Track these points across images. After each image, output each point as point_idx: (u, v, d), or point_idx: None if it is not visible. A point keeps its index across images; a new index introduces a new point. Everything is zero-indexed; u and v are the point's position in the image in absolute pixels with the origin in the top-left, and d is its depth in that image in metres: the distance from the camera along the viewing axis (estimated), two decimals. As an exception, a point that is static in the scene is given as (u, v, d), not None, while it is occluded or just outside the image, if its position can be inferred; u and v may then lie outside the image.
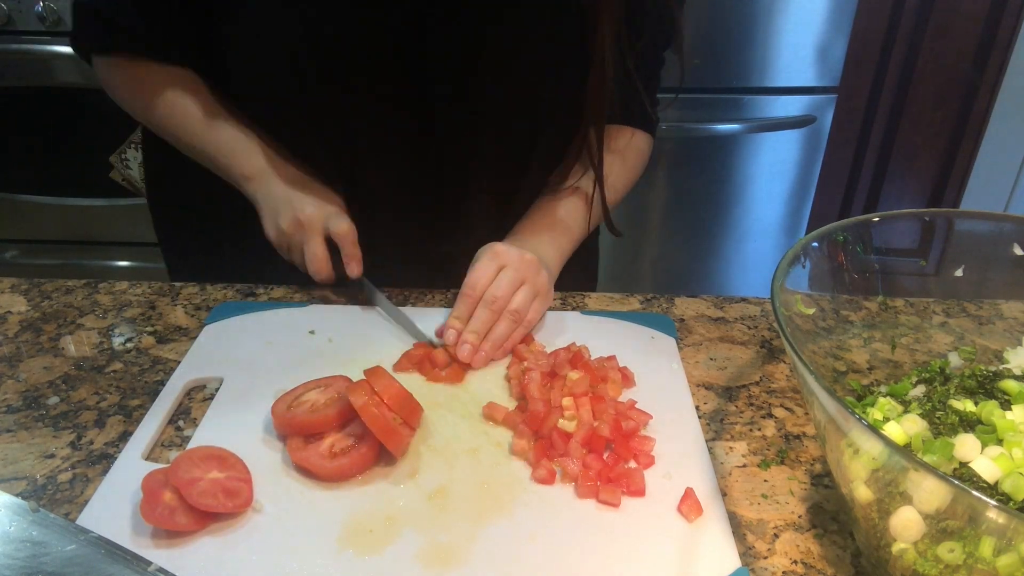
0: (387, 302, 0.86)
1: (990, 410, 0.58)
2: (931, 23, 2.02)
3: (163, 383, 0.75)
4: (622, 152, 0.95)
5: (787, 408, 0.76)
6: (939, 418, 0.58)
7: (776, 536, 0.61)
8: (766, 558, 0.60)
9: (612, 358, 0.78)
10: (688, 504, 0.62)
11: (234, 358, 0.78)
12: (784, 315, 0.58)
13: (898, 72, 2.07)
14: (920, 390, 0.65)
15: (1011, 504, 0.51)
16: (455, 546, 0.58)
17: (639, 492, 0.64)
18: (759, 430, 0.73)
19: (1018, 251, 0.68)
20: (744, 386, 0.79)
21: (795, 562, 0.59)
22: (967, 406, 0.60)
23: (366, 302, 0.88)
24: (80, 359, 0.79)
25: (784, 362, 0.83)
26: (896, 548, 0.51)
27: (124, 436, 0.69)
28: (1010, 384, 0.62)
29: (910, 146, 2.19)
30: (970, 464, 0.53)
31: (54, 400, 0.73)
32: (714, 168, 1.97)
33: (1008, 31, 2.02)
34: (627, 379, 0.77)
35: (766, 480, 0.67)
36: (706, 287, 2.18)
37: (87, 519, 0.59)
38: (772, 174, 2.00)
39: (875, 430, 0.47)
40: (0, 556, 0.53)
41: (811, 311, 0.66)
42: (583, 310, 0.89)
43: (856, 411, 0.50)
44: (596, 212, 0.95)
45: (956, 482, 0.44)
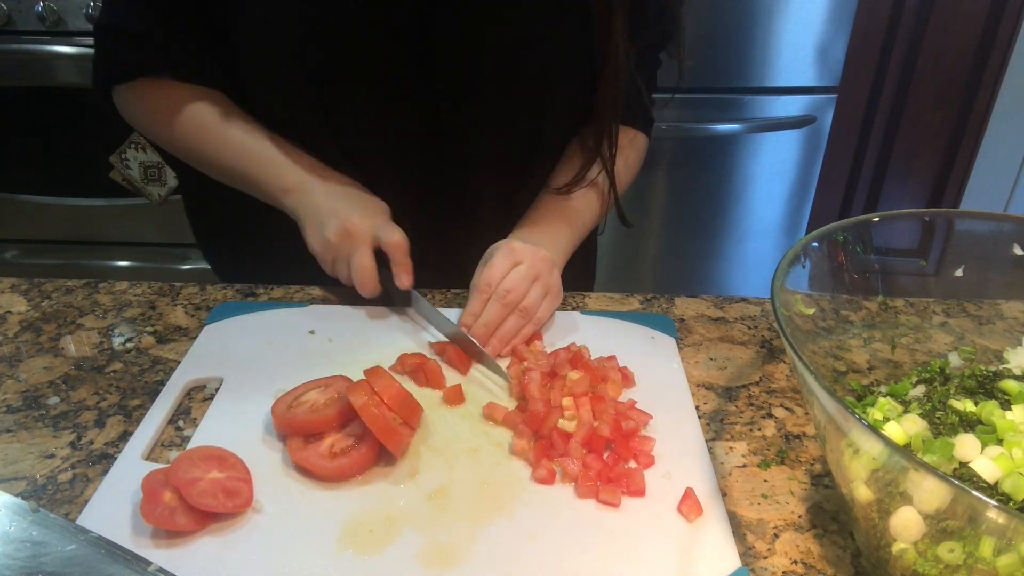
0: (441, 317, 0.82)
1: (990, 410, 0.58)
2: (931, 23, 2.02)
3: (163, 383, 0.75)
4: (625, 151, 0.95)
5: (787, 408, 0.76)
6: (939, 418, 0.58)
7: (776, 536, 0.61)
8: (766, 558, 0.60)
9: (612, 358, 0.78)
10: (688, 504, 0.62)
11: (234, 358, 0.78)
12: (784, 315, 0.58)
13: (898, 72, 2.07)
14: (920, 390, 0.65)
15: (1011, 504, 0.51)
16: (455, 546, 0.58)
17: (639, 492, 0.64)
18: (759, 430, 0.73)
19: (1018, 251, 0.68)
20: (744, 386, 0.79)
21: (795, 562, 0.59)
22: (967, 406, 0.60)
23: (416, 317, 0.85)
24: (80, 359, 0.79)
25: (784, 362, 0.83)
26: (896, 548, 0.51)
27: (124, 436, 0.69)
28: (1010, 384, 0.62)
29: (910, 146, 2.19)
30: (970, 464, 0.53)
31: (54, 400, 0.73)
32: (714, 168, 1.97)
33: (1008, 31, 2.02)
34: (627, 379, 0.77)
35: (766, 480, 0.67)
36: (706, 287, 2.18)
37: (87, 519, 0.59)
38: (772, 174, 2.00)
39: (875, 430, 0.47)
40: (0, 556, 0.53)
41: (811, 311, 0.66)
42: (583, 310, 0.89)
43: (856, 411, 0.50)
44: (605, 207, 0.95)
45: (956, 482, 0.44)
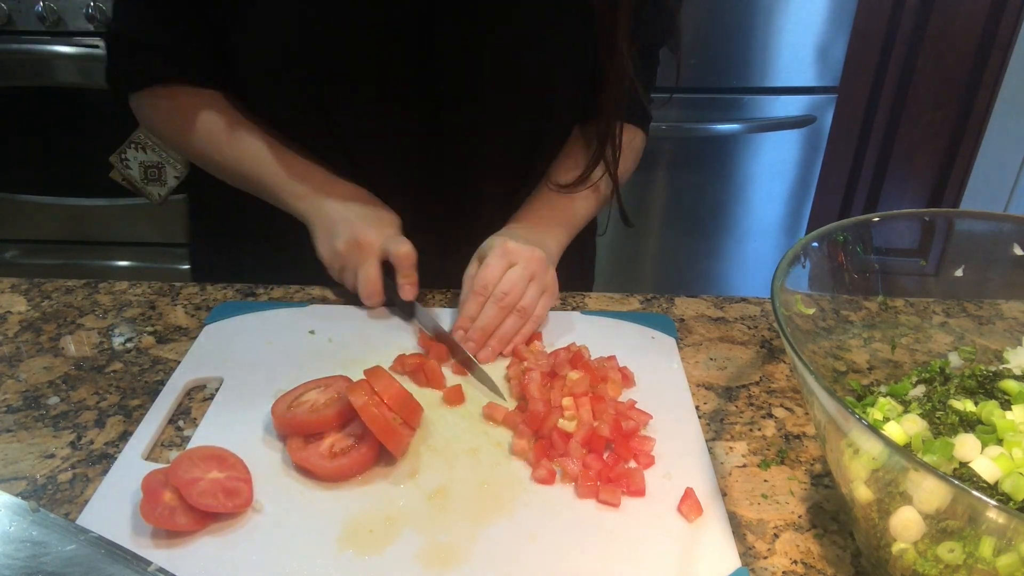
0: (443, 330, 0.82)
1: (990, 410, 0.58)
2: (931, 23, 2.02)
3: (163, 383, 0.75)
4: (624, 150, 0.95)
5: (787, 408, 0.76)
6: (939, 418, 0.58)
7: (776, 536, 0.61)
8: (766, 558, 0.60)
9: (612, 358, 0.78)
10: (688, 504, 0.62)
11: (234, 358, 0.78)
12: (784, 315, 0.58)
13: (898, 72, 2.07)
14: (920, 390, 0.65)
15: (1011, 504, 0.51)
16: (455, 546, 0.58)
17: (639, 492, 0.63)
18: (759, 430, 0.73)
19: (1018, 251, 0.68)
20: (744, 386, 0.79)
21: (795, 562, 0.59)
22: (967, 406, 0.59)
23: (404, 314, 0.86)
24: (80, 359, 0.79)
25: (784, 362, 0.83)
26: (896, 548, 0.51)
27: (124, 436, 0.69)
28: (1010, 384, 0.62)
29: (910, 146, 2.19)
30: (970, 464, 0.53)
31: (54, 400, 0.73)
32: (714, 168, 1.97)
33: (1008, 31, 2.02)
34: (627, 379, 0.77)
35: (766, 480, 0.67)
36: (706, 287, 2.19)
37: (87, 519, 0.59)
38: (772, 174, 2.00)
39: (875, 430, 0.47)
40: (0, 556, 0.53)
41: (811, 311, 0.66)
42: (583, 310, 0.89)
43: (856, 411, 0.50)
44: (597, 206, 0.94)
45: (956, 482, 0.44)
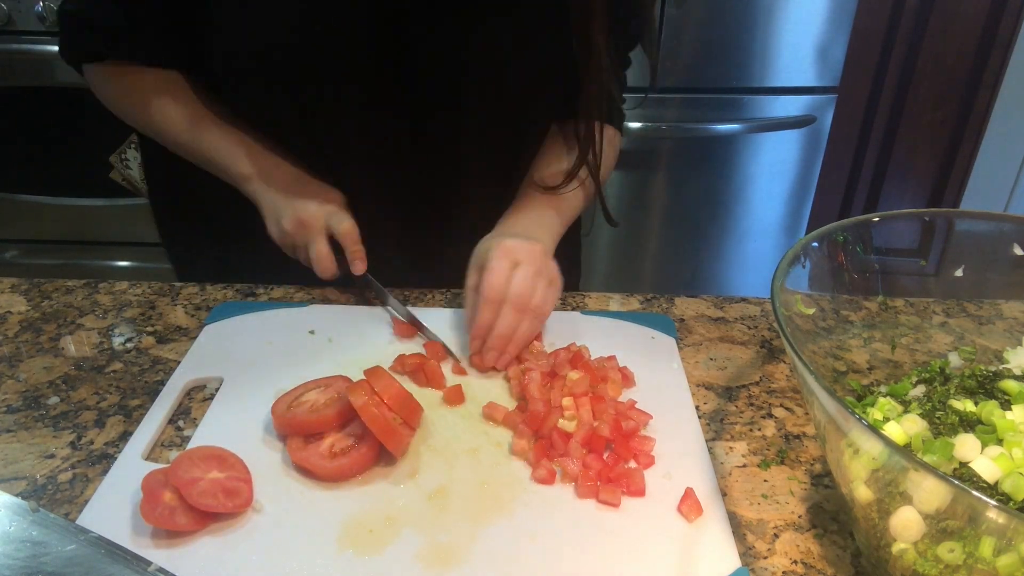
0: (393, 300, 0.86)
1: (990, 410, 0.58)
2: (931, 23, 2.02)
3: (163, 383, 0.75)
4: (606, 149, 0.94)
5: (787, 408, 0.76)
6: (939, 418, 0.58)
7: (776, 536, 0.61)
8: (766, 558, 0.60)
9: (612, 358, 0.78)
10: (688, 504, 0.62)
11: (234, 358, 0.78)
12: (784, 315, 0.58)
13: (898, 72, 2.07)
14: (920, 390, 0.65)
15: (1011, 504, 0.51)
16: (455, 546, 0.58)
17: (639, 492, 0.64)
18: (759, 430, 0.73)
19: (1018, 251, 0.68)
20: (744, 386, 0.79)
21: (795, 562, 0.59)
22: (967, 406, 0.59)
23: (376, 301, 0.88)
24: (80, 359, 0.79)
25: (784, 362, 0.83)
26: (896, 548, 0.51)
27: (124, 436, 0.69)
28: (1010, 384, 0.62)
29: (910, 146, 2.19)
30: (970, 464, 0.53)
31: (54, 400, 0.73)
32: (714, 168, 1.97)
33: (1008, 31, 2.02)
34: (627, 379, 0.77)
35: (766, 480, 0.67)
36: (706, 287, 2.19)
37: (87, 519, 0.59)
38: (772, 174, 2.00)
39: (875, 430, 0.47)
40: (0, 556, 0.53)
41: (811, 311, 0.66)
42: (583, 310, 0.89)
43: (856, 411, 0.50)
44: (584, 198, 0.94)
45: (956, 482, 0.44)
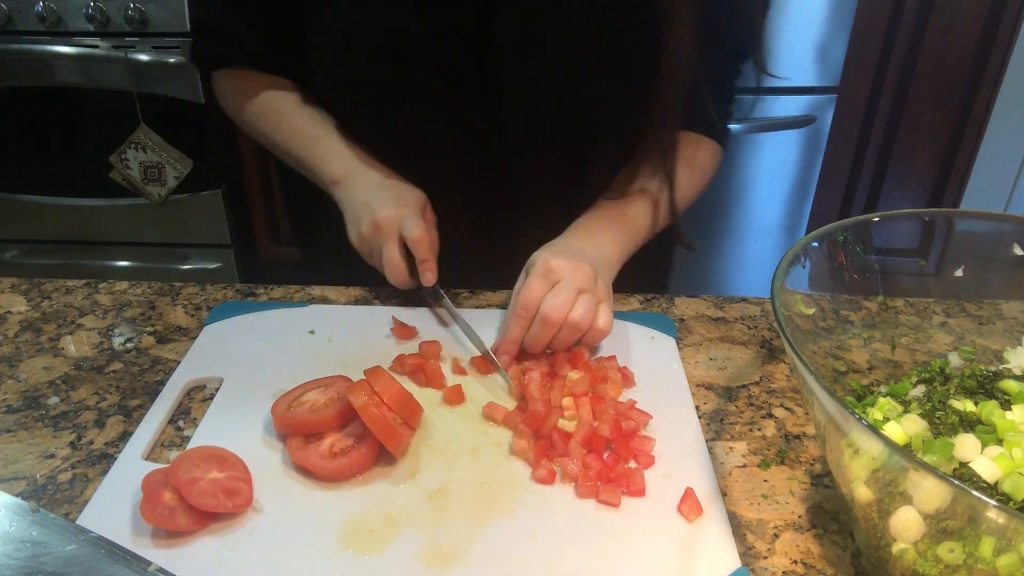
0: (465, 322, 0.82)
1: (990, 410, 0.58)
2: (931, 23, 2.02)
3: (163, 383, 0.75)
4: (690, 160, 0.93)
5: (787, 408, 0.76)
6: (939, 418, 0.58)
7: (776, 536, 0.61)
8: (766, 558, 0.60)
9: (612, 358, 0.78)
10: (688, 504, 0.62)
11: (234, 358, 0.78)
12: (784, 315, 0.58)
13: (898, 72, 2.08)
14: (920, 390, 0.65)
15: (1011, 504, 0.51)
16: (455, 546, 0.58)
17: (639, 492, 0.63)
18: (759, 430, 0.73)
19: (1018, 251, 0.68)
20: (744, 386, 0.79)
21: (795, 562, 0.59)
22: (967, 406, 0.59)
23: (431, 299, 0.87)
24: (80, 359, 0.79)
25: (784, 362, 0.83)
26: (896, 548, 0.51)
27: (124, 436, 0.69)
28: (1010, 384, 0.62)
29: (910, 146, 2.19)
30: (970, 464, 0.53)
31: (54, 400, 0.73)
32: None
33: (1008, 31, 2.02)
34: (627, 379, 0.77)
35: (766, 480, 0.67)
36: (706, 287, 2.19)
37: (87, 519, 0.59)
38: (772, 174, 2.00)
39: (875, 430, 0.47)
40: (0, 556, 0.53)
41: (811, 311, 0.66)
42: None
43: (856, 411, 0.50)
44: (662, 216, 0.92)
45: (956, 482, 0.44)
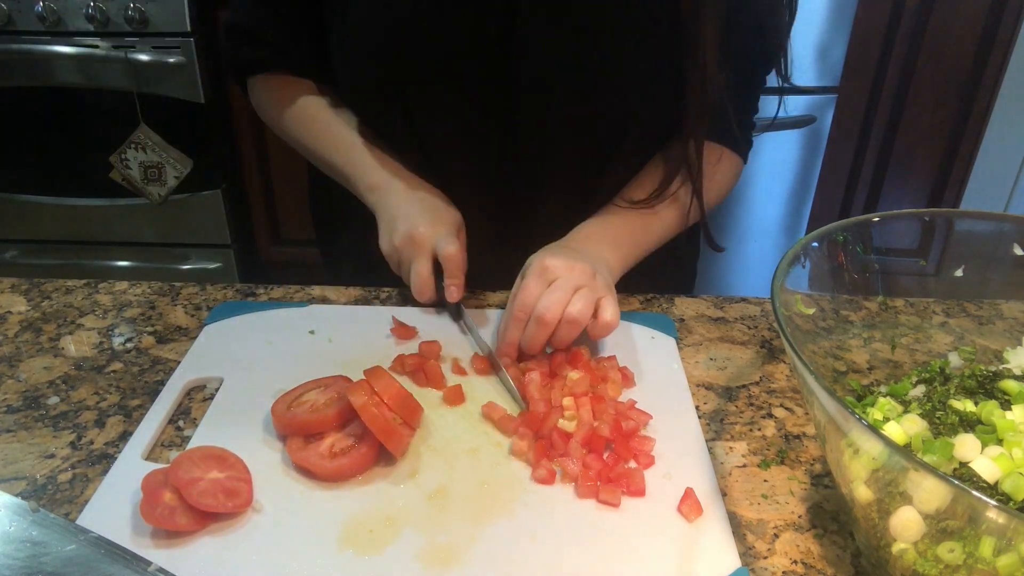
0: (480, 336, 0.82)
1: (990, 410, 0.58)
2: (931, 23, 2.02)
3: (163, 383, 0.75)
4: (712, 170, 0.92)
5: (787, 408, 0.76)
6: (939, 418, 0.58)
7: (776, 536, 0.61)
8: (766, 558, 0.60)
9: (612, 358, 0.78)
10: (688, 504, 0.62)
11: (234, 358, 0.78)
12: (784, 315, 0.58)
13: (898, 72, 2.08)
14: (920, 390, 0.65)
15: (1011, 504, 0.51)
16: (455, 546, 0.58)
17: (639, 492, 0.63)
18: (759, 430, 0.73)
19: (1018, 251, 0.68)
20: (744, 386, 0.79)
21: (795, 562, 0.59)
22: (967, 406, 0.59)
23: (452, 316, 0.86)
24: (80, 359, 0.79)
25: (784, 362, 0.83)
26: (896, 548, 0.51)
27: (124, 436, 0.69)
28: (1010, 384, 0.62)
29: (910, 146, 2.19)
30: (970, 464, 0.53)
31: (54, 400, 0.73)
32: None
33: (1008, 31, 2.02)
34: (627, 379, 0.77)
35: (766, 480, 0.67)
36: (706, 287, 2.19)
37: (87, 519, 0.59)
38: (772, 174, 2.00)
39: (875, 430, 0.47)
40: (0, 556, 0.53)
41: (811, 311, 0.66)
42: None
43: (856, 411, 0.50)
44: (675, 223, 0.92)
45: (956, 482, 0.44)
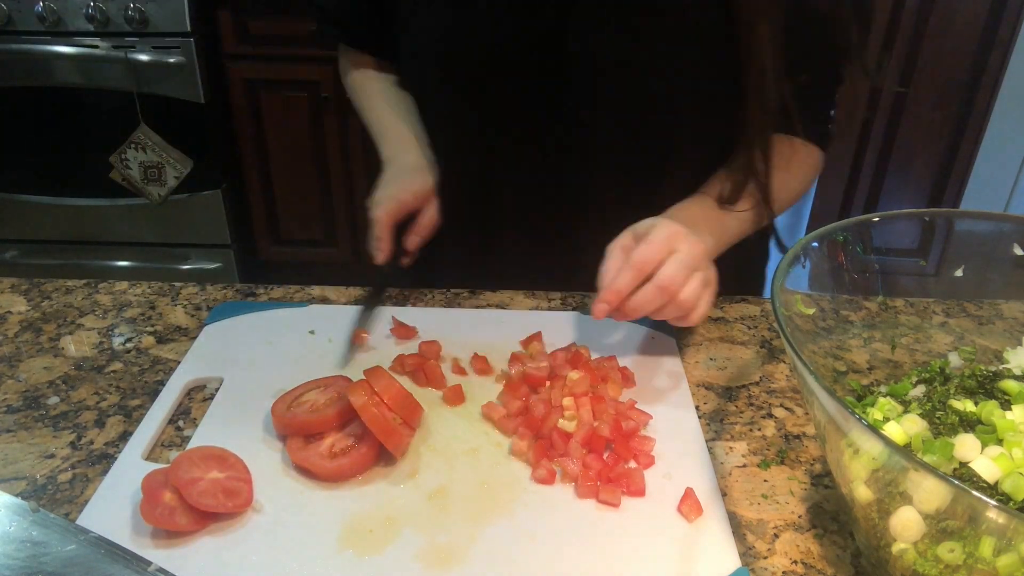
0: (366, 298, 0.87)
1: (990, 410, 0.58)
2: (931, 23, 2.02)
3: (163, 383, 0.75)
4: (786, 165, 0.92)
5: (787, 408, 0.76)
6: (939, 418, 0.58)
7: (776, 536, 0.61)
8: (766, 558, 0.60)
9: (612, 358, 0.78)
10: (688, 504, 0.62)
11: (234, 358, 0.78)
12: (784, 315, 0.58)
13: (898, 72, 2.08)
14: (920, 390, 0.65)
15: (1011, 504, 0.51)
16: (455, 546, 0.58)
17: (639, 492, 0.64)
18: (759, 430, 0.73)
19: (1018, 251, 0.68)
20: (744, 386, 0.79)
21: (795, 562, 0.59)
22: (967, 406, 0.59)
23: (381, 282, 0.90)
24: (80, 359, 0.79)
25: (784, 362, 0.83)
26: (896, 548, 0.51)
27: (124, 436, 0.69)
28: (1010, 384, 0.62)
29: (910, 146, 2.19)
30: (970, 464, 0.53)
31: (54, 400, 0.73)
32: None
33: (1008, 31, 2.02)
34: (627, 379, 0.77)
35: (766, 480, 0.67)
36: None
37: (87, 519, 0.59)
38: (772, 174, 1.99)
39: (875, 430, 0.47)
40: (0, 556, 0.53)
41: (811, 311, 0.66)
42: (583, 310, 0.89)
43: (856, 411, 0.50)
44: (753, 222, 0.92)
45: (956, 482, 0.44)
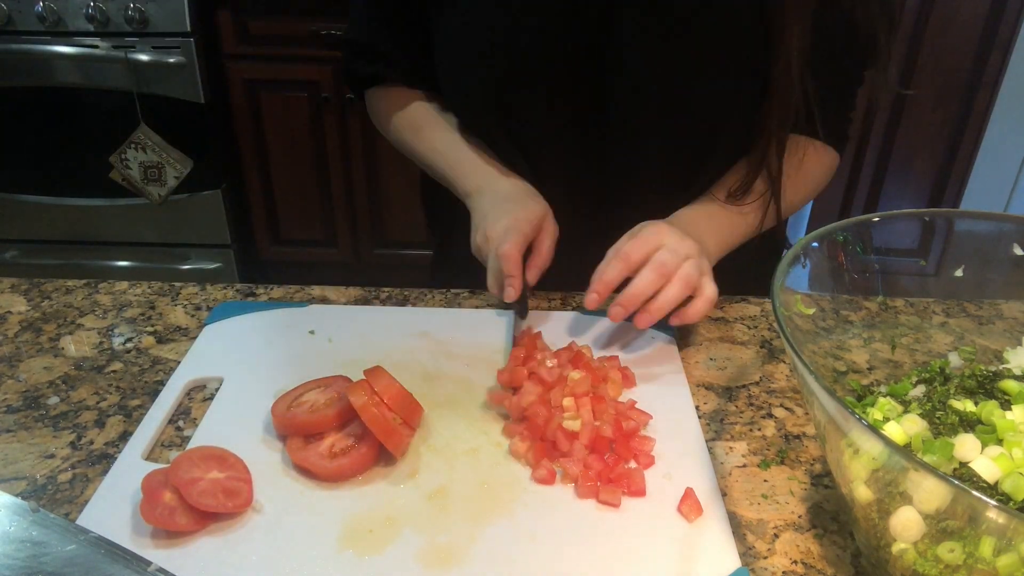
0: (519, 322, 0.83)
1: (990, 410, 0.58)
2: (931, 23, 2.02)
3: (163, 383, 0.75)
4: (798, 165, 0.92)
5: (787, 408, 0.76)
6: (939, 418, 0.58)
7: (776, 536, 0.61)
8: (766, 558, 0.60)
9: (613, 358, 0.78)
10: (688, 504, 0.62)
11: (234, 358, 0.78)
12: (784, 315, 0.58)
13: (898, 72, 2.07)
14: (920, 390, 0.65)
15: (1011, 504, 0.51)
16: (455, 546, 0.58)
17: (639, 492, 0.64)
18: (759, 430, 0.73)
19: (1018, 251, 0.68)
20: (744, 386, 0.79)
21: (795, 562, 0.59)
22: (967, 406, 0.59)
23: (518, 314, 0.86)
24: (80, 359, 0.79)
25: (784, 362, 0.83)
26: (896, 548, 0.51)
27: (124, 436, 0.69)
28: (1010, 384, 0.62)
29: (910, 146, 2.19)
30: (970, 464, 0.53)
31: (54, 400, 0.73)
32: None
33: (1008, 31, 2.02)
34: (627, 379, 0.77)
35: (766, 480, 0.67)
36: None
37: (87, 519, 0.59)
38: (772, 174, 1.99)
39: (875, 430, 0.47)
40: (0, 556, 0.53)
41: (811, 311, 0.66)
42: (583, 310, 0.89)
43: (856, 411, 0.50)
44: (763, 221, 0.92)
45: (956, 482, 0.44)
